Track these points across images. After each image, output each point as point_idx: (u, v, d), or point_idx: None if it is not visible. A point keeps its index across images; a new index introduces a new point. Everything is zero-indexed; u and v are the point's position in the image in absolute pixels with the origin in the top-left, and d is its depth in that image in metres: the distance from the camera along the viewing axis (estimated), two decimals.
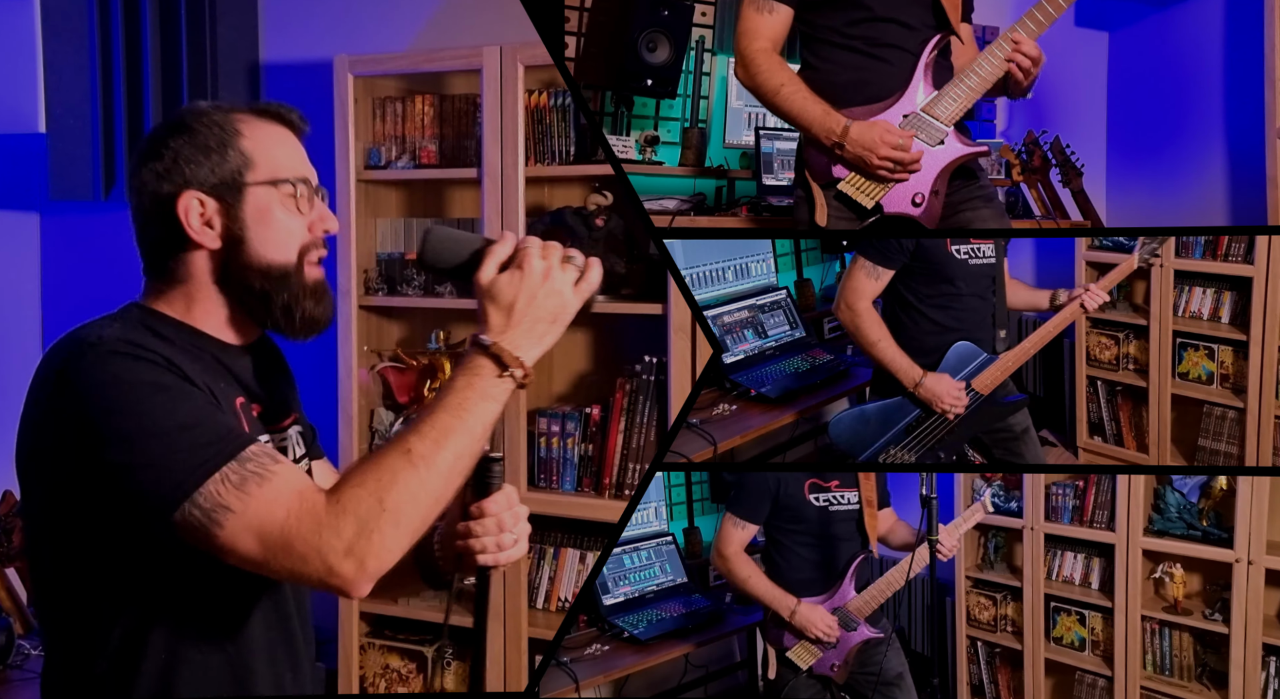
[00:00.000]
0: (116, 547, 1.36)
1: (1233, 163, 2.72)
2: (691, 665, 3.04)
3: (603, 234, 2.97)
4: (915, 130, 2.25)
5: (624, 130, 2.97)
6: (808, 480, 2.70)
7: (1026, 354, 2.50)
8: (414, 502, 1.28)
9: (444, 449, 1.30)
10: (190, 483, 1.26)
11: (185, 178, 1.42)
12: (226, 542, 1.27)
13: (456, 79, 3.21)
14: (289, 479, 1.30)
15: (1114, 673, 2.92)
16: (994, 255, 2.47)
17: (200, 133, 1.43)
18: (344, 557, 1.25)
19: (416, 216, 3.30)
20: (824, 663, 2.74)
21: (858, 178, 2.27)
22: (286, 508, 1.26)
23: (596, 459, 3.00)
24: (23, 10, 3.62)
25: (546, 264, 1.38)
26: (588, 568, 3.07)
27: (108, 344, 1.32)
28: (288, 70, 3.51)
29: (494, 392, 1.34)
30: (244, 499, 1.26)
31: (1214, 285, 2.74)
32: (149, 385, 1.29)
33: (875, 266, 2.47)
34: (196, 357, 1.40)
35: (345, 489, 1.28)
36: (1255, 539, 2.71)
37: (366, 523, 1.25)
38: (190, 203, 1.42)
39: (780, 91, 2.27)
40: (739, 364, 2.91)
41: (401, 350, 3.27)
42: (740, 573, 2.75)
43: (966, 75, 2.25)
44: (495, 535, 1.46)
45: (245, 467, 1.28)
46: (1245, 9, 2.62)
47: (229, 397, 1.41)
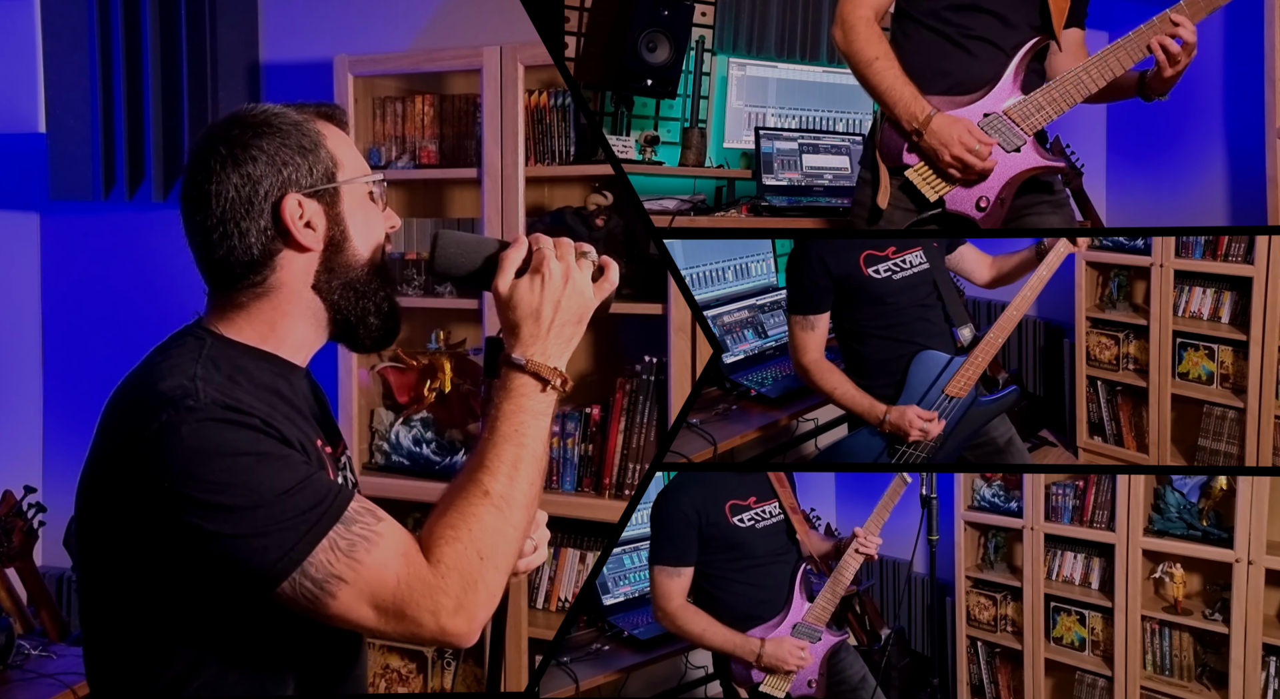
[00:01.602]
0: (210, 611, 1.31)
1: (1233, 163, 2.72)
2: (691, 665, 3.04)
3: (603, 234, 2.97)
4: (993, 132, 2.17)
5: (624, 130, 2.97)
6: (726, 503, 2.59)
7: (995, 345, 2.43)
8: (506, 542, 1.30)
9: (518, 482, 1.31)
10: (300, 552, 1.24)
11: (285, 179, 1.37)
12: (339, 611, 1.26)
13: (456, 79, 3.21)
14: (394, 540, 1.28)
15: (1114, 673, 2.92)
16: (925, 263, 2.41)
17: (290, 134, 1.39)
18: (455, 614, 1.26)
19: (416, 217, 3.30)
20: (800, 684, 2.64)
21: (926, 168, 2.20)
22: (396, 574, 1.25)
23: (596, 459, 3.00)
24: (23, 10, 3.61)
25: (565, 265, 1.37)
26: (588, 568, 3.07)
27: (207, 410, 1.26)
28: (288, 70, 3.50)
29: (542, 407, 1.35)
30: (355, 567, 1.25)
31: (1214, 285, 2.74)
32: (251, 455, 1.25)
33: (805, 317, 2.46)
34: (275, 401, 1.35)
35: (441, 546, 1.27)
36: (1255, 539, 2.71)
37: (469, 576, 1.26)
38: (293, 205, 1.37)
39: (874, 64, 2.18)
40: (739, 364, 2.91)
41: (401, 350, 3.27)
42: (692, 629, 2.59)
43: (1061, 82, 2.15)
44: None
45: (352, 530, 1.26)
46: (1245, 9, 2.61)
47: (311, 439, 1.38)
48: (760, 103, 3.08)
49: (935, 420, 2.41)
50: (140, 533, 1.29)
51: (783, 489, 2.66)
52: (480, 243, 1.42)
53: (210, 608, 1.32)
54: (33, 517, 3.14)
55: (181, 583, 1.29)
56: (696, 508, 2.59)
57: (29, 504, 3.13)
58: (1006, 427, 2.55)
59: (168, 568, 1.29)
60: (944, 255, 2.48)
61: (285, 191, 1.37)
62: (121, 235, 3.56)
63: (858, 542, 2.60)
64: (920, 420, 2.40)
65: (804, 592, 2.64)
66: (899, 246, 2.41)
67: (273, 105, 1.44)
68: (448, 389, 3.18)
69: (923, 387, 2.42)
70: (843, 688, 2.68)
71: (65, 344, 3.66)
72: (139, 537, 1.29)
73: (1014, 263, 2.56)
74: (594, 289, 1.39)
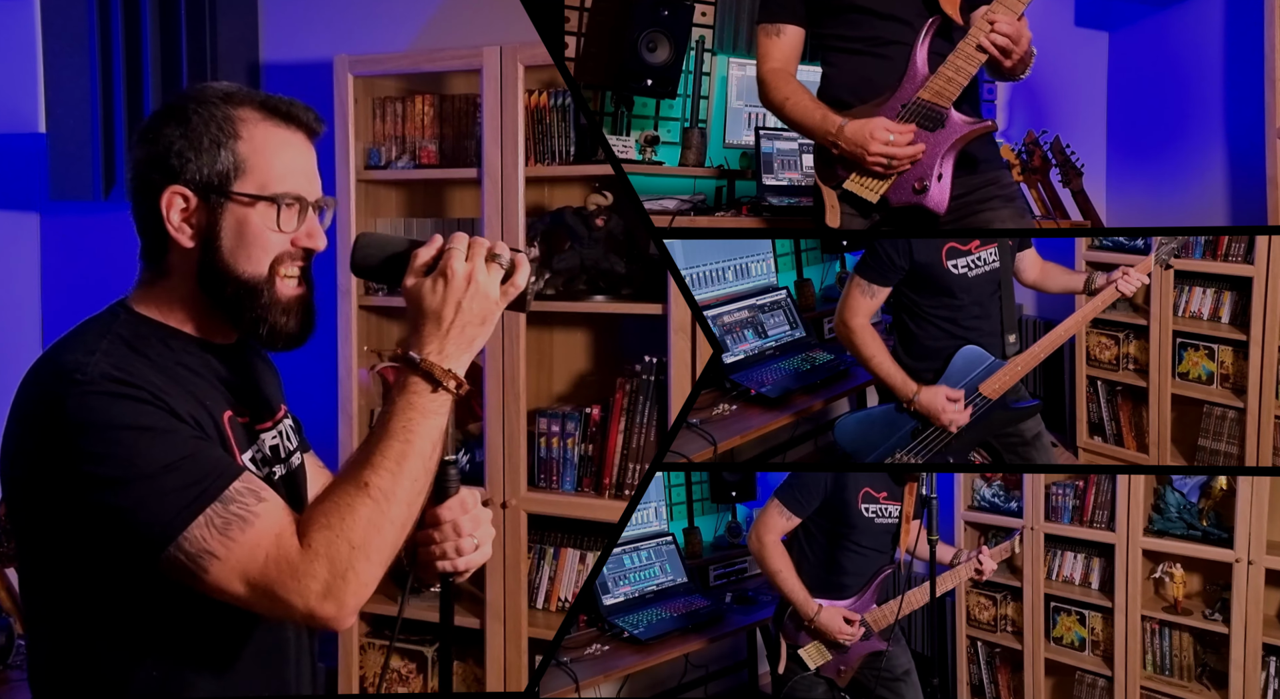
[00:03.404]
0: (105, 579, 1.35)
1: (1233, 163, 2.72)
2: (691, 665, 3.04)
3: (603, 234, 2.97)
4: (911, 118, 2.24)
5: (624, 130, 2.97)
6: (861, 490, 2.69)
7: (1037, 358, 2.49)
8: (380, 534, 1.30)
9: (400, 477, 1.31)
10: (175, 526, 1.27)
11: (174, 170, 1.38)
12: (212, 584, 1.29)
13: (456, 79, 3.21)
14: (270, 521, 1.30)
15: (1114, 673, 2.92)
16: (997, 261, 2.46)
17: (196, 125, 1.38)
18: (323, 599, 1.28)
19: (417, 217, 3.30)
20: (831, 665, 2.74)
21: (858, 175, 2.28)
22: (266, 554, 1.28)
23: (596, 459, 3.00)
24: (23, 10, 3.62)
25: (469, 267, 1.35)
26: (588, 568, 3.07)
27: (93, 383, 1.29)
28: (288, 70, 3.51)
29: (434, 407, 1.34)
30: (227, 544, 1.27)
31: (1214, 285, 2.74)
32: (134, 429, 1.28)
33: (870, 285, 2.48)
34: (180, 374, 1.37)
35: (313, 532, 1.29)
36: (1255, 539, 2.71)
37: (338, 564, 1.28)
38: (173, 197, 1.38)
39: (785, 104, 2.33)
40: (739, 364, 2.91)
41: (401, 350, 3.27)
42: (773, 564, 2.73)
43: (956, 53, 2.23)
44: (454, 541, 1.44)
45: (229, 509, 1.28)
46: (1245, 9, 2.61)
47: (217, 410, 1.40)
48: (760, 103, 3.08)
49: (963, 407, 2.45)
50: (42, 506, 1.34)
51: (908, 496, 2.71)
52: (393, 242, 1.41)
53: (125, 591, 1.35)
54: None
55: (85, 557, 1.33)
56: (837, 478, 2.70)
57: None
58: (1036, 422, 2.59)
59: (71, 543, 1.33)
60: (1014, 255, 2.51)
61: (171, 182, 1.38)
62: (121, 235, 3.52)
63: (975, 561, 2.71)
64: (951, 404, 2.45)
65: (877, 593, 2.73)
66: (982, 241, 2.46)
67: (220, 88, 1.43)
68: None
69: (961, 378, 2.46)
70: (880, 675, 2.76)
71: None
72: (43, 510, 1.34)
73: (1060, 280, 2.60)
74: (501, 291, 1.37)
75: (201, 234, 1.39)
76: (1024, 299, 2.86)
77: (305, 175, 1.44)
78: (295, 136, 1.44)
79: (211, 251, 1.39)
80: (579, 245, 2.97)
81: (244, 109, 1.41)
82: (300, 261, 1.43)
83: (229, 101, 1.41)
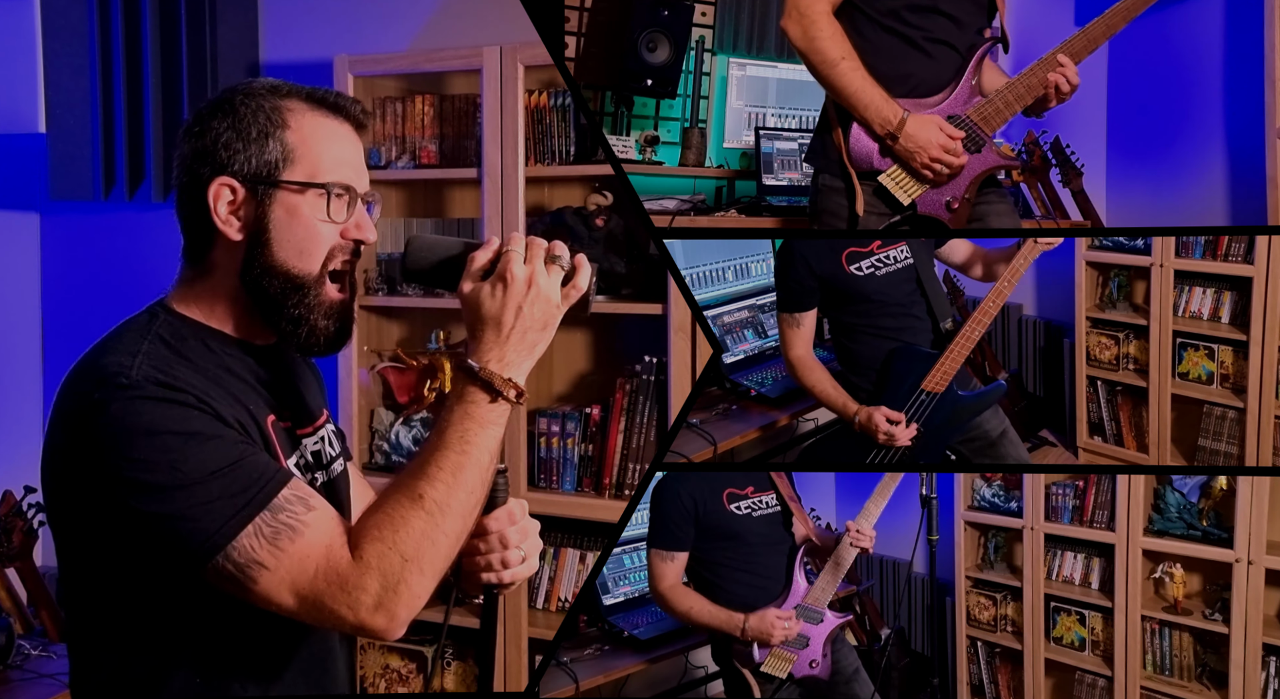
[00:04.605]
0: (148, 588, 1.32)
1: (1233, 163, 2.71)
2: (691, 665, 3.04)
3: (603, 234, 2.97)
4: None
5: (624, 130, 2.97)
6: (724, 491, 2.62)
7: (972, 339, 2.39)
8: (434, 547, 1.28)
9: (456, 489, 1.29)
10: (223, 536, 1.24)
11: (221, 162, 1.35)
12: (261, 595, 1.26)
13: (456, 79, 3.21)
14: (320, 530, 1.27)
15: (1114, 673, 2.92)
16: (909, 257, 2.41)
17: (244, 116, 1.36)
18: (374, 611, 1.25)
19: (417, 217, 3.31)
20: (802, 664, 2.68)
21: (900, 172, 2.18)
22: (317, 566, 1.25)
23: (596, 459, 3.00)
24: (23, 10, 3.61)
25: (529, 269, 1.31)
26: (588, 568, 3.07)
27: (136, 387, 1.26)
28: (288, 70, 3.50)
29: (492, 417, 1.31)
30: (276, 554, 1.25)
31: (1214, 285, 2.74)
32: (180, 435, 1.25)
33: (791, 315, 2.47)
34: (222, 377, 1.35)
35: (365, 544, 1.26)
36: (1255, 539, 2.71)
37: (390, 577, 1.25)
38: (221, 189, 1.35)
39: (839, 65, 2.11)
40: (739, 364, 2.91)
41: (401, 350, 3.27)
42: (680, 607, 2.65)
43: (1012, 86, 2.17)
44: (500, 553, 1.43)
45: (278, 518, 1.26)
46: (1245, 9, 2.61)
47: (260, 414, 1.37)
48: (760, 103, 3.08)
49: (903, 424, 2.40)
50: (85, 512, 1.30)
51: (780, 480, 2.68)
52: (448, 244, 1.38)
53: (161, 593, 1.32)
54: (33, 517, 3.14)
55: (127, 566, 1.31)
56: (694, 495, 2.62)
57: (29, 504, 3.14)
58: (999, 420, 2.54)
59: (114, 551, 1.30)
60: (931, 249, 2.47)
61: (218, 174, 1.36)
62: (121, 235, 3.56)
63: (850, 536, 2.61)
64: (886, 423, 2.39)
65: (803, 574, 2.66)
66: (883, 242, 2.40)
67: (266, 82, 1.41)
68: (448, 389, 3.18)
69: (903, 381, 2.40)
70: (835, 678, 2.70)
71: (65, 344, 3.66)
72: (85, 515, 1.31)
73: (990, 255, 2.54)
74: (562, 294, 1.34)
75: (249, 227, 1.36)
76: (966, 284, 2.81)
77: (353, 167, 1.41)
78: (343, 128, 1.42)
79: (259, 245, 1.36)
80: (579, 245, 2.96)
81: (291, 100, 1.39)
82: (349, 255, 1.41)
83: (276, 93, 1.39)
